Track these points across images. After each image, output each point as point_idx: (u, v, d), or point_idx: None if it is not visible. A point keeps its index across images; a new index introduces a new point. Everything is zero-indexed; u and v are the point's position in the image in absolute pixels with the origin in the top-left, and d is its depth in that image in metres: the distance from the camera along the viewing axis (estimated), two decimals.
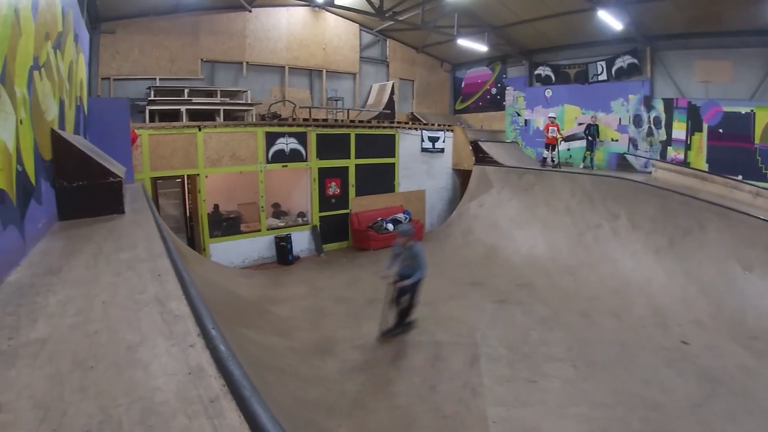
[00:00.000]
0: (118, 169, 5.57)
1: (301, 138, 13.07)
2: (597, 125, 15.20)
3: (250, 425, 1.51)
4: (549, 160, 15.35)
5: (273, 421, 1.50)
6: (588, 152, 15.22)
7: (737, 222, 9.28)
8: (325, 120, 14.31)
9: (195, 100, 12.54)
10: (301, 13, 16.29)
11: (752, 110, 12.51)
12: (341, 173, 14.12)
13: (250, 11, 14.97)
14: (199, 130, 11.37)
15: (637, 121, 15.08)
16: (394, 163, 15.39)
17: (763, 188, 10.47)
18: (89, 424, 1.52)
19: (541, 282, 10.62)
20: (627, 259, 10.51)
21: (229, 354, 1.92)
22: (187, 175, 12.13)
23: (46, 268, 3.20)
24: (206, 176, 11.72)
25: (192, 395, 1.68)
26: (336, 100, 16.75)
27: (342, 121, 14.97)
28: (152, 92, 12.34)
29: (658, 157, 14.31)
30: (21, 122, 3.37)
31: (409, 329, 7.80)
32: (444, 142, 16.44)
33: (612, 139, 15.70)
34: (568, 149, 16.14)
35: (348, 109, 16.58)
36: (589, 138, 15.21)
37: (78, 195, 4.79)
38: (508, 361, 7.02)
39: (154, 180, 11.47)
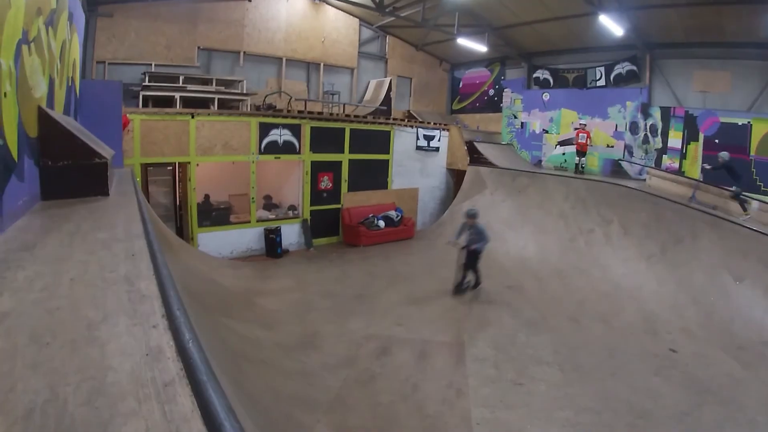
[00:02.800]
0: (105, 150, 5.43)
1: (295, 130, 12.95)
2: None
3: (202, 412, 1.40)
4: (580, 166, 15.31)
5: (227, 409, 1.39)
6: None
7: (730, 232, 9.27)
8: (321, 113, 14.14)
9: (190, 87, 12.35)
10: (301, 4, 16.15)
11: (749, 122, 12.47)
12: (334, 167, 13.99)
13: (250, 1, 14.83)
14: (192, 117, 11.21)
15: (634, 128, 15.03)
16: (388, 160, 15.29)
17: (757, 200, 10.48)
18: (34, 401, 1.42)
19: (530, 285, 10.55)
20: (618, 264, 10.48)
21: (191, 336, 1.81)
22: (178, 163, 11.99)
23: (20, 244, 3.08)
24: (197, 165, 11.55)
25: (146, 378, 1.57)
26: (332, 94, 16.65)
27: (337, 115, 14.81)
28: (147, 78, 12.14)
29: (653, 165, 14.28)
30: (5, 95, 3.26)
31: (478, 285, 10.00)
32: (439, 141, 16.36)
33: (607, 145, 15.64)
34: (563, 153, 16.09)
35: (344, 104, 16.45)
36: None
37: (62, 175, 4.66)
38: (494, 362, 6.94)
39: (145, 166, 11.35)
